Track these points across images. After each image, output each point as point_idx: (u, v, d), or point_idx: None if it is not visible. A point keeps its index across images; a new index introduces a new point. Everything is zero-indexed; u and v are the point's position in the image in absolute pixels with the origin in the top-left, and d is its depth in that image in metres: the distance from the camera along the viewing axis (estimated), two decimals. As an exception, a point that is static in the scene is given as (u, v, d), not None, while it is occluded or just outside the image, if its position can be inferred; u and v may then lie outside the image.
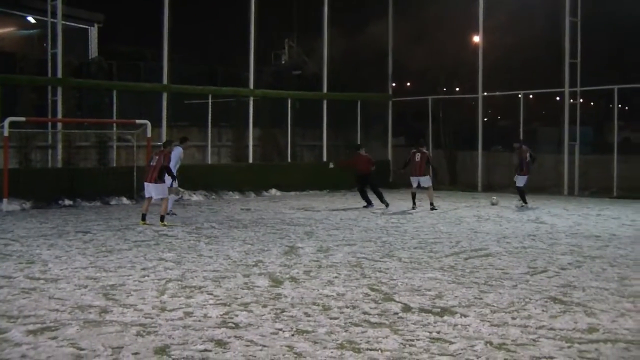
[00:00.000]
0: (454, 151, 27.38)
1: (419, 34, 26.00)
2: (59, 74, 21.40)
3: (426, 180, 18.68)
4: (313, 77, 28.42)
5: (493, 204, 19.78)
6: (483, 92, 25.58)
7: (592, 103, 32.67)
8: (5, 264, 10.29)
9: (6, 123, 18.37)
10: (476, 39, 26.35)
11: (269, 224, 15.46)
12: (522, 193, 19.47)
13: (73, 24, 25.40)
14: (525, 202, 19.33)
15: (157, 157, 15.07)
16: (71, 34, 23.20)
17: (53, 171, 20.77)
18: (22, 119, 19.26)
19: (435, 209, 18.32)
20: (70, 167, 21.24)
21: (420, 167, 18.60)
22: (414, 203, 18.82)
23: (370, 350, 6.06)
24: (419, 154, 18.68)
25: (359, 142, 23.59)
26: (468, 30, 27.02)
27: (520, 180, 19.36)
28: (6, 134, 18.36)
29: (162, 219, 15.07)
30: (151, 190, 15.06)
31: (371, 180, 19.20)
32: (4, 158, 18.57)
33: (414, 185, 18.76)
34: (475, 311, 7.43)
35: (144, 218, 15.12)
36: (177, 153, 16.83)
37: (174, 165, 16.57)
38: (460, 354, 5.97)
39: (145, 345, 6.14)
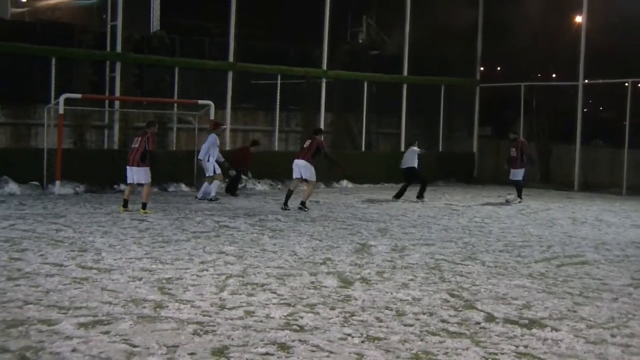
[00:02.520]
0: (548, 145, 26.89)
1: (512, 12, 25.53)
2: (118, 49, 21.81)
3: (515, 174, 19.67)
4: (392, 58, 28.24)
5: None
6: (584, 80, 25.02)
7: None
8: (56, 250, 10.58)
9: (61, 100, 18.83)
10: (578, 19, 25.77)
11: (339, 218, 15.48)
12: (521, 188, 20.23)
13: (134, -6, 25.86)
14: (521, 198, 20.06)
15: (138, 139, 15.35)
16: (132, 5, 23.54)
17: (109, 153, 21.21)
18: (78, 96, 19.68)
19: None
20: (127, 149, 21.64)
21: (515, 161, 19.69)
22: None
23: (449, 362, 6.01)
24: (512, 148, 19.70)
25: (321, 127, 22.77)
26: (569, 9, 26.42)
27: (519, 174, 20.03)
28: (61, 111, 18.84)
29: (143, 206, 15.28)
30: (133, 174, 15.30)
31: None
32: (57, 137, 19.09)
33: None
34: (568, 325, 7.28)
35: (125, 204, 15.44)
36: (211, 139, 17.88)
37: (205, 153, 17.73)
38: (550, 372, 5.88)
39: (203, 345, 6.22)
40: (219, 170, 17.92)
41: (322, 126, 24.89)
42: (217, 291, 8.29)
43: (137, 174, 15.21)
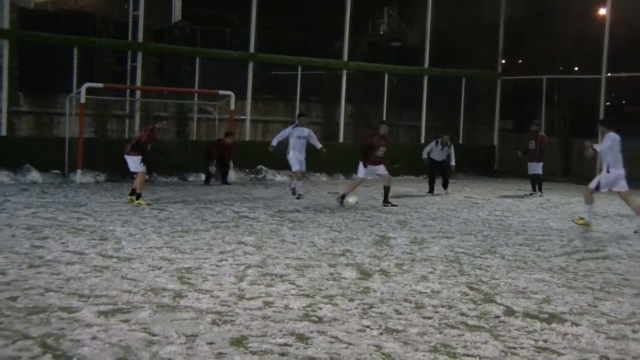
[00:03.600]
0: (569, 138, 26.70)
1: (535, 4, 25.36)
2: (140, 38, 21.88)
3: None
4: (413, 50, 28.15)
5: (350, 204, 15.98)
6: (607, 73, 24.81)
7: None
8: (77, 239, 10.65)
9: (83, 89, 18.93)
10: (602, 11, 25.54)
11: (358, 210, 15.46)
12: (541, 182, 20.49)
13: (156, -16, 25.92)
14: (542, 192, 20.30)
15: (142, 130, 15.94)
16: (154, -6, 23.69)
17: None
18: (100, 85, 19.79)
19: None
20: (209, 144, 21.56)
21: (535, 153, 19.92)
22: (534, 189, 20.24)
23: (467, 355, 5.97)
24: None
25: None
26: (593, 2, 26.20)
27: (539, 168, 20.23)
28: (82, 100, 18.94)
29: (137, 196, 15.03)
30: (128, 162, 15.33)
31: None
32: (79, 126, 19.19)
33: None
34: (588, 320, 7.23)
35: (132, 193, 15.31)
36: (300, 132, 17.13)
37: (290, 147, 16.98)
38: (569, 367, 5.85)
39: (221, 335, 6.23)
40: (297, 167, 17.05)
41: (342, 118, 24.89)
42: (236, 281, 8.30)
43: (129, 162, 15.24)
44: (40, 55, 21.04)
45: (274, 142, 17.31)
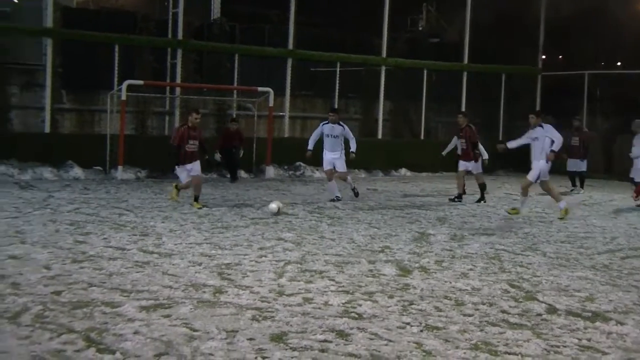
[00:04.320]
0: (612, 135, 26.32)
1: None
2: (180, 36, 22.01)
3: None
4: (453, 46, 27.96)
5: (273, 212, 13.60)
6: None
7: None
8: (119, 234, 10.75)
9: (124, 86, 19.09)
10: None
11: (397, 206, 15.42)
12: (584, 179, 20.31)
13: (196, -19, 26.05)
14: (583, 189, 20.13)
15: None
16: (193, -8, 23.82)
17: (169, 139, 21.35)
18: (140, 82, 19.90)
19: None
20: (219, 134, 21.63)
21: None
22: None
23: (509, 354, 5.93)
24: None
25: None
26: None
27: (583, 165, 20.12)
28: (123, 97, 19.11)
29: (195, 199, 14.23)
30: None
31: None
32: (120, 123, 19.36)
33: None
34: (634, 319, 7.13)
35: (195, 198, 14.21)
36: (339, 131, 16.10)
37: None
38: (614, 366, 5.77)
39: (261, 331, 6.25)
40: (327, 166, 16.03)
41: (380, 114, 24.79)
42: (276, 277, 8.32)
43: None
44: (82, 53, 21.24)
45: (310, 146, 16.21)
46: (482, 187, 16.85)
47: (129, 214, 12.98)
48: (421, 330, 6.47)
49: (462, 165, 16.73)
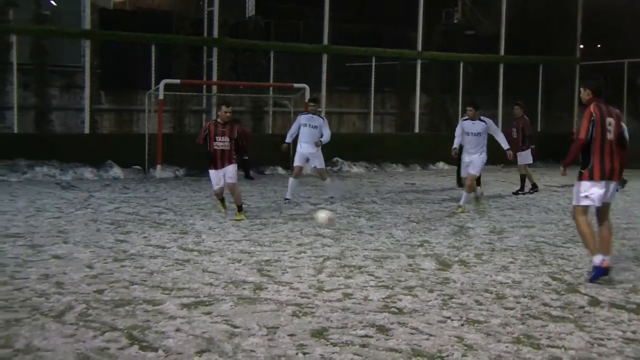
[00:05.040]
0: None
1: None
2: (215, 34, 22.11)
3: None
4: (489, 37, 27.73)
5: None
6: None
7: None
8: (159, 233, 10.85)
9: (161, 85, 19.23)
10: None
11: (435, 200, 15.35)
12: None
13: (231, -20, 26.16)
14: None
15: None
16: (228, -9, 23.93)
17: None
18: (177, 81, 20.03)
19: None
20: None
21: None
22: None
23: (552, 347, 5.88)
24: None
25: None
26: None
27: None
28: (161, 97, 19.26)
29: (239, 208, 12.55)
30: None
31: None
32: (158, 122, 19.51)
33: None
34: (679, 310, 7.05)
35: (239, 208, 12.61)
36: None
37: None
38: (659, 358, 5.70)
39: (302, 327, 6.27)
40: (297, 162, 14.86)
41: (417, 108, 24.64)
42: (315, 273, 8.34)
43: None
44: (119, 53, 21.46)
45: (288, 139, 14.93)
46: (523, 179, 16.71)
47: (169, 212, 13.09)
48: (462, 324, 6.44)
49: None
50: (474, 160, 13.45)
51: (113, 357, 5.51)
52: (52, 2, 21.95)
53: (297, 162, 14.68)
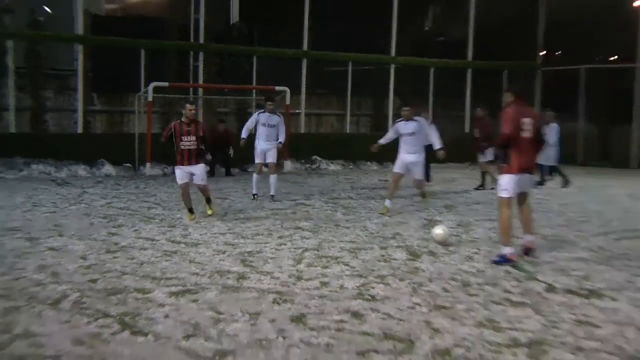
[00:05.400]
0: (606, 125, 26.22)
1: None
2: (201, 40, 22.09)
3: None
4: (457, 44, 27.85)
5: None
6: (642, 61, 24.37)
7: None
8: (148, 226, 10.86)
9: (150, 88, 19.18)
10: (637, 2, 25.01)
11: (407, 196, 15.43)
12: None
13: (216, -11, 26.13)
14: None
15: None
16: (213, -1, 23.91)
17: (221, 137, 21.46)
18: (165, 84, 19.97)
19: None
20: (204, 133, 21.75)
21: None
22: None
23: (511, 330, 5.99)
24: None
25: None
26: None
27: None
28: (150, 99, 19.20)
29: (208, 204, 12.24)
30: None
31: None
32: (147, 123, 19.47)
33: None
34: (626, 296, 7.17)
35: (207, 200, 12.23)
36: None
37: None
38: (608, 339, 5.81)
39: (282, 313, 6.34)
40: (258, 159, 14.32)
41: (390, 110, 24.70)
42: (294, 263, 8.39)
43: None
44: (110, 57, 21.34)
45: (244, 134, 14.25)
46: (484, 176, 16.90)
47: (157, 207, 13.09)
48: (430, 310, 6.53)
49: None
50: (415, 163, 12.66)
51: (106, 341, 5.55)
52: (46, 9, 21.81)
53: (258, 160, 14.22)
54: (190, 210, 11.66)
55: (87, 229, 10.54)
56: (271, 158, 14.15)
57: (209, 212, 12.04)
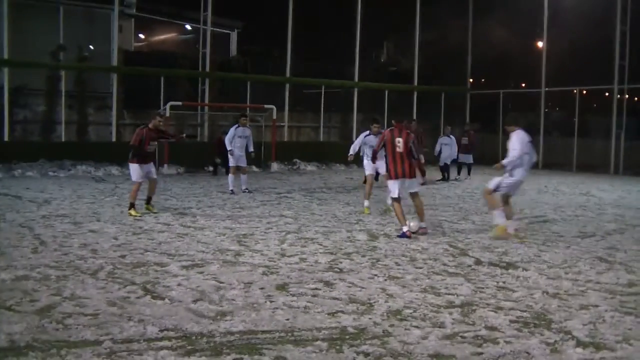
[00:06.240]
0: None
1: (494, 36, 25.03)
2: (207, 69, 21.96)
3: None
4: (406, 72, 27.87)
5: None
6: (545, 88, 24.56)
7: (636, 98, 30.52)
8: (165, 214, 10.73)
9: (167, 106, 19.14)
10: (540, 44, 25.23)
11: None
12: (471, 167, 18.66)
13: (218, 29, 25.88)
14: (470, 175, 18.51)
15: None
16: (217, 37, 23.73)
17: (200, 144, 21.37)
18: (179, 103, 19.93)
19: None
20: (213, 141, 21.63)
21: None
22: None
23: (448, 294, 5.97)
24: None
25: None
26: (534, 37, 25.85)
27: (469, 157, 18.48)
28: (167, 114, 19.07)
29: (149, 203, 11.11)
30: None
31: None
32: (165, 133, 19.25)
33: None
34: (534, 266, 7.20)
35: (147, 201, 11.12)
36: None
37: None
38: (521, 300, 5.82)
39: (270, 283, 6.27)
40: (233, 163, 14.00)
41: (354, 124, 24.67)
42: (279, 243, 8.33)
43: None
44: (138, 83, 21.24)
45: (229, 147, 13.83)
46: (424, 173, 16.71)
47: (172, 199, 12.95)
48: (385, 280, 6.50)
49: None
50: (379, 165, 11.26)
51: (133, 303, 5.47)
52: (90, 47, 21.78)
53: (233, 164, 13.90)
54: (133, 206, 10.58)
55: (119, 216, 10.40)
56: (243, 163, 13.99)
57: (151, 208, 10.92)
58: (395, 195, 9.04)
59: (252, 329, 4.87)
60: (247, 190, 14.02)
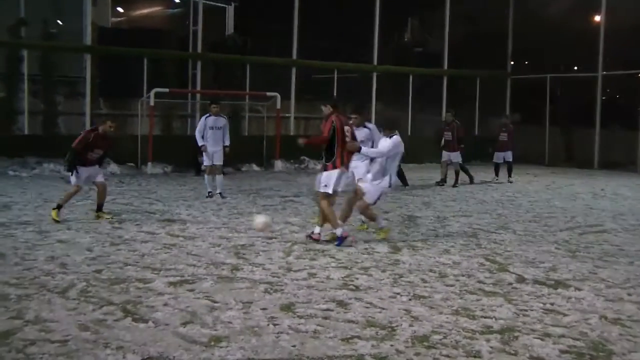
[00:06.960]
0: (571, 129, 26.29)
1: (539, 12, 24.96)
2: (199, 49, 22.02)
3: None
4: (434, 54, 27.87)
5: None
6: (602, 71, 24.42)
7: None
8: (149, 221, 10.78)
9: (152, 94, 19.15)
10: (597, 18, 25.10)
11: (389, 193, 15.34)
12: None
13: (212, 2, 25.97)
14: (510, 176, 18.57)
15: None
16: (210, 12, 23.78)
17: (192, 139, 21.29)
18: (166, 90, 19.91)
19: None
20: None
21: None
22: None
23: (485, 317, 5.95)
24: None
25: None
26: (590, 10, 25.73)
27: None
28: (152, 103, 19.16)
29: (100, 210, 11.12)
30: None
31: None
32: (149, 126, 19.38)
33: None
34: (589, 285, 7.16)
35: (98, 208, 11.09)
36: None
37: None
38: (574, 326, 5.78)
39: (273, 302, 6.27)
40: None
41: (373, 114, 24.70)
42: (284, 256, 8.34)
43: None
44: (116, 66, 21.28)
45: (200, 142, 13.57)
46: (457, 174, 17.06)
47: (158, 203, 13.00)
48: (409, 299, 6.49)
49: (445, 155, 17.21)
50: (359, 168, 10.72)
51: (110, 327, 5.48)
52: (59, 22, 21.76)
53: (208, 162, 13.65)
54: (60, 207, 10.59)
55: (93, 223, 10.45)
56: (218, 160, 13.62)
57: (105, 215, 10.91)
58: (330, 190, 9.09)
59: (253, 357, 4.87)
60: (221, 195, 13.68)
